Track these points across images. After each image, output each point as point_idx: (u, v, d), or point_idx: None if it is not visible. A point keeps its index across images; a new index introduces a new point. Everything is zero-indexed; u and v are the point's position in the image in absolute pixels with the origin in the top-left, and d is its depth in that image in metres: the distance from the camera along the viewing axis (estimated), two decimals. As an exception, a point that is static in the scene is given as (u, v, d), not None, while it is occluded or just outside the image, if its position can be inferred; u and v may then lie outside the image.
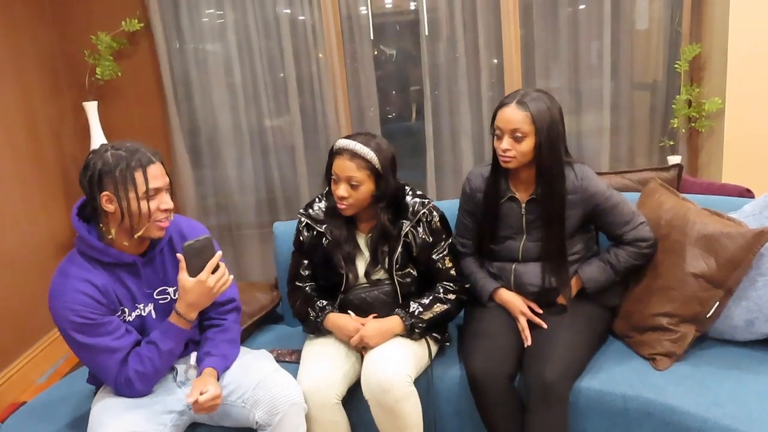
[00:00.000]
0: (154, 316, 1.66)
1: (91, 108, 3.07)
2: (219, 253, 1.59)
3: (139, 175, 1.51)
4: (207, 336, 1.75)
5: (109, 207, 1.53)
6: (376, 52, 3.45)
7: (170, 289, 1.69)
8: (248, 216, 3.53)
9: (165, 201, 1.57)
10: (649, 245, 1.87)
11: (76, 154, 3.32)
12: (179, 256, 1.53)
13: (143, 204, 1.52)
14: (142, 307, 1.65)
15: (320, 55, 3.30)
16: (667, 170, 2.21)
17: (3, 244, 2.75)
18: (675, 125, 3.13)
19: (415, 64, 3.51)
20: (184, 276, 1.54)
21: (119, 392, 1.61)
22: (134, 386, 1.59)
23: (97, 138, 3.09)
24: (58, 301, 1.52)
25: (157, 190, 1.55)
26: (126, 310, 1.62)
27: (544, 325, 1.85)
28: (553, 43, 3.26)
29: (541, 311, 1.89)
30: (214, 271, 1.58)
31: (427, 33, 3.27)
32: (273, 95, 3.38)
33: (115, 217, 1.54)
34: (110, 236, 1.56)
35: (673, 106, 3.13)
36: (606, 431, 1.74)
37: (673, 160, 3.12)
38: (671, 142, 3.21)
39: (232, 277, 1.64)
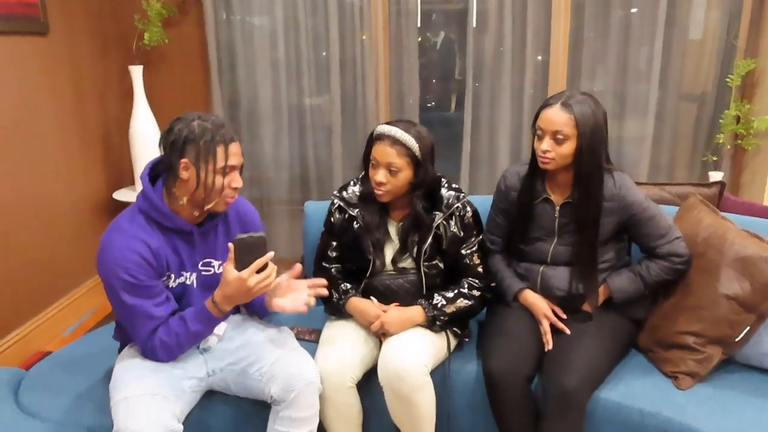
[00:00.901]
0: (195, 286, 1.69)
1: (137, 72, 3.11)
2: (270, 254, 1.55)
3: (220, 150, 1.54)
4: None
5: (185, 174, 1.55)
6: (420, 39, 3.42)
7: (215, 263, 1.72)
8: (280, 192, 3.56)
9: (236, 179, 1.61)
10: (683, 261, 1.83)
11: (118, 116, 3.37)
12: (230, 245, 1.53)
13: (218, 178, 1.56)
14: (187, 276, 1.67)
15: (364, 38, 3.28)
16: (708, 186, 2.16)
17: (41, 196, 2.82)
18: (720, 140, 3.05)
19: (460, 54, 3.48)
20: (229, 267, 1.53)
21: (144, 355, 1.64)
22: (157, 355, 1.62)
23: (140, 102, 3.14)
24: (110, 256, 1.54)
25: (233, 168, 1.59)
26: (172, 276, 1.65)
27: (568, 331, 1.83)
28: (602, 45, 3.19)
29: (565, 317, 1.87)
30: (260, 271, 1.55)
31: (474, 25, 3.23)
32: (315, 74, 3.39)
33: (188, 186, 1.57)
34: (181, 203, 1.59)
35: (721, 120, 3.05)
36: (620, 445, 1.72)
37: (715, 176, 3.04)
38: (714, 158, 3.13)
39: (278, 280, 1.60)
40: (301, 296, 1.68)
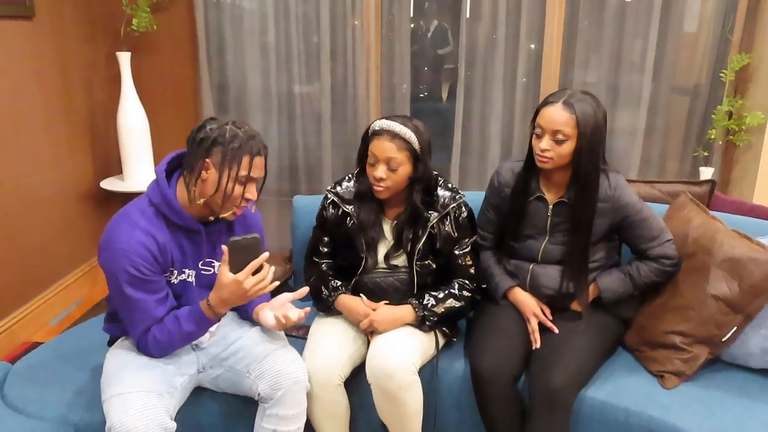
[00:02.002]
0: (194, 284, 1.68)
1: (124, 58, 3.05)
2: (265, 255, 1.53)
3: (246, 159, 1.53)
4: None
5: (205, 174, 1.54)
6: (413, 27, 3.38)
7: (216, 263, 1.70)
8: (268, 182, 3.47)
9: (252, 192, 1.59)
10: (672, 264, 1.83)
11: (105, 104, 3.32)
12: (224, 248, 1.51)
13: (237, 187, 1.54)
14: (188, 273, 1.66)
15: (356, 23, 3.23)
16: (699, 185, 2.16)
17: (27, 184, 2.77)
18: (712, 136, 3.04)
19: (452, 42, 3.44)
20: (224, 270, 1.52)
21: (138, 348, 1.63)
22: (149, 350, 1.61)
23: (128, 89, 3.08)
24: (118, 247, 1.51)
25: (253, 180, 1.57)
26: (175, 272, 1.63)
27: (556, 330, 1.84)
28: (597, 36, 3.16)
29: (551, 317, 1.87)
30: (255, 272, 1.53)
31: (468, 14, 3.19)
32: (305, 61, 3.34)
33: (206, 187, 1.55)
34: (199, 202, 1.57)
35: (713, 115, 3.04)
36: (605, 444, 1.73)
37: (706, 171, 3.04)
38: (705, 153, 3.13)
39: (276, 283, 1.58)
40: (288, 314, 1.67)
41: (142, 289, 1.54)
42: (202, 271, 1.69)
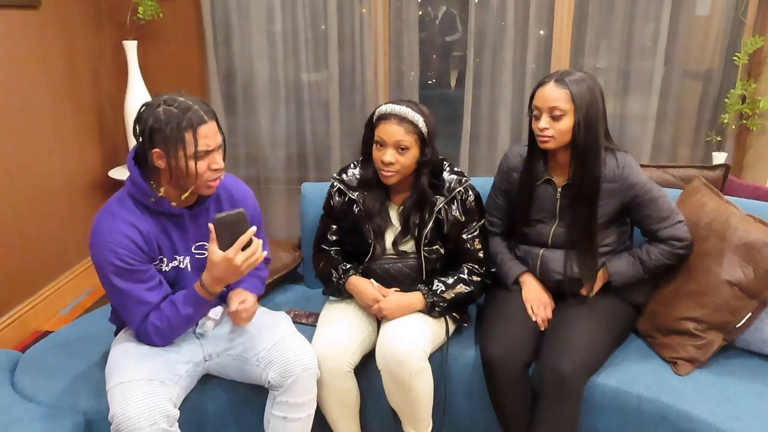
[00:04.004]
0: (189, 270, 1.67)
1: (131, 47, 3.04)
2: (252, 229, 1.51)
3: (189, 135, 1.47)
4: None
5: (160, 163, 1.51)
6: (421, 13, 3.34)
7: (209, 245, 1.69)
8: (277, 170, 3.51)
9: (216, 161, 1.53)
10: (684, 246, 1.80)
11: (112, 93, 3.31)
12: (210, 226, 1.49)
13: (191, 164, 1.49)
14: (180, 259, 1.65)
15: (363, 11, 3.21)
16: (712, 169, 2.12)
17: (35, 175, 2.78)
18: (725, 120, 3.00)
19: (461, 29, 3.40)
20: (213, 248, 1.50)
21: (139, 339, 1.64)
22: (151, 339, 1.61)
23: (135, 78, 3.07)
24: (101, 240, 1.51)
25: (207, 152, 1.51)
26: (165, 260, 1.62)
27: (543, 327, 1.82)
28: (607, 20, 3.11)
29: (551, 316, 1.86)
30: (245, 248, 1.51)
31: (476, 0, 3.15)
32: (312, 48, 3.31)
33: (165, 174, 1.53)
34: (160, 193, 1.55)
35: (726, 100, 2.99)
36: (618, 430, 1.72)
37: (719, 156, 3.00)
38: (718, 138, 3.08)
39: (265, 253, 1.56)
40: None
41: (131, 279, 1.53)
42: (197, 256, 1.68)
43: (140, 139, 1.51)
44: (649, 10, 3.05)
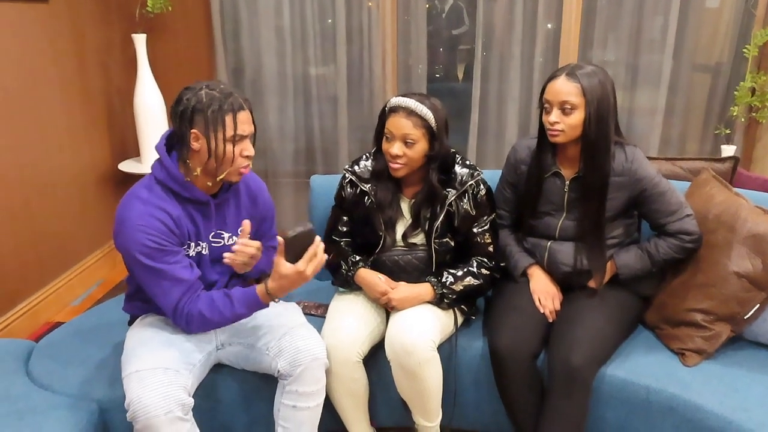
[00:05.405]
0: (208, 256, 1.69)
1: (140, 40, 3.05)
2: (318, 240, 1.55)
3: (229, 119, 1.52)
4: None
5: (196, 145, 1.55)
6: (428, 7, 3.34)
7: (225, 234, 1.71)
8: (285, 164, 3.53)
9: (248, 148, 1.59)
10: (692, 240, 1.81)
11: (121, 86, 3.33)
12: (280, 240, 1.51)
13: (228, 147, 1.54)
14: (203, 245, 1.68)
15: (371, 4, 3.21)
16: (721, 162, 2.12)
17: (46, 168, 2.80)
18: (734, 113, 2.99)
19: (468, 22, 3.40)
20: (281, 260, 1.52)
21: (174, 321, 1.61)
22: (191, 324, 1.59)
23: (144, 71, 3.09)
24: (132, 224, 1.52)
25: (243, 137, 1.57)
26: (191, 244, 1.65)
27: (551, 319, 1.83)
28: (616, 13, 3.11)
29: (559, 307, 1.86)
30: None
31: (485, -8, 3.15)
32: (320, 43, 3.33)
33: (201, 156, 1.56)
34: (195, 173, 1.58)
35: (735, 92, 2.98)
36: (626, 421, 1.73)
37: (728, 149, 2.99)
38: (727, 131, 3.07)
39: (325, 256, 1.59)
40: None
41: (164, 260, 1.54)
42: (213, 244, 1.70)
43: (179, 121, 1.54)
44: (658, 3, 3.04)
